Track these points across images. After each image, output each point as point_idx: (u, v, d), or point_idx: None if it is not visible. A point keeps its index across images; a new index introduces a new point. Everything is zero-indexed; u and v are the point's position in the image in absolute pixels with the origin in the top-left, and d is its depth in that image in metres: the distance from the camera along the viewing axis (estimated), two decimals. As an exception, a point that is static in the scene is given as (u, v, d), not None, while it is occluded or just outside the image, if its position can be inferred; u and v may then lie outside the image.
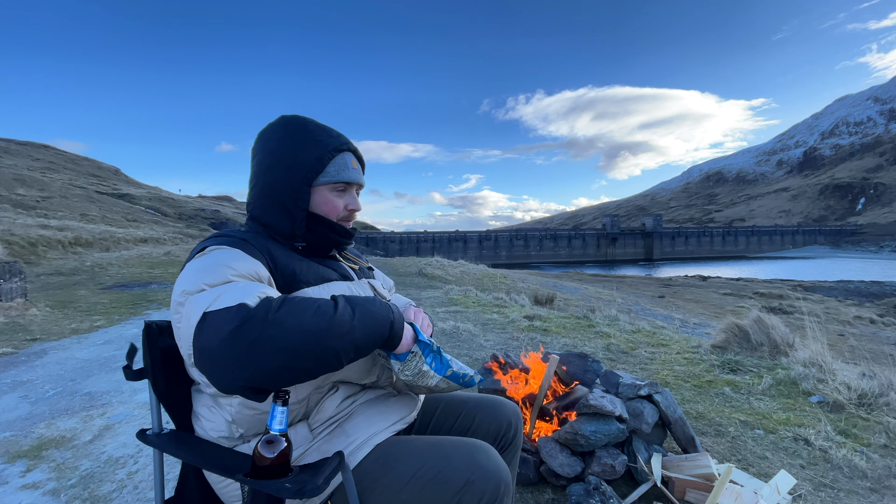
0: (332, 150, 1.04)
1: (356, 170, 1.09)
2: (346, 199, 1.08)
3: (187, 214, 51.07)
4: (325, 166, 1.03)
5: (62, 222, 20.83)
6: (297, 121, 1.06)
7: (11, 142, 69.51)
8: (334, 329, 0.76)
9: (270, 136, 1.04)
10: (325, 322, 0.76)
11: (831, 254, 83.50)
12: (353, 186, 1.10)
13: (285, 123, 1.05)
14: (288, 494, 0.73)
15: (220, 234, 0.95)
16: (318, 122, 1.08)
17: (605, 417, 1.82)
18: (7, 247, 12.02)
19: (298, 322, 0.74)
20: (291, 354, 0.73)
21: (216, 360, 0.71)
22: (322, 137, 1.04)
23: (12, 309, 5.77)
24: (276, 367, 0.72)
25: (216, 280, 0.80)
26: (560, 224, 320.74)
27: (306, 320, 0.75)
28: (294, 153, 1.01)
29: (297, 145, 1.02)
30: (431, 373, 0.96)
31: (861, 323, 11.90)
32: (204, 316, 0.73)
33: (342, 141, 1.07)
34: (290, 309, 0.76)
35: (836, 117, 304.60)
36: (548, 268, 53.55)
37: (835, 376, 3.01)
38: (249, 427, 0.91)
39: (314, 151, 1.02)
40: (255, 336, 0.71)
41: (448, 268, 15.60)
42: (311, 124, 1.06)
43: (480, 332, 4.85)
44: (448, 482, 0.88)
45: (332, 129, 1.09)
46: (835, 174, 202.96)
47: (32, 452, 2.23)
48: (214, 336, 0.71)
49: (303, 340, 0.73)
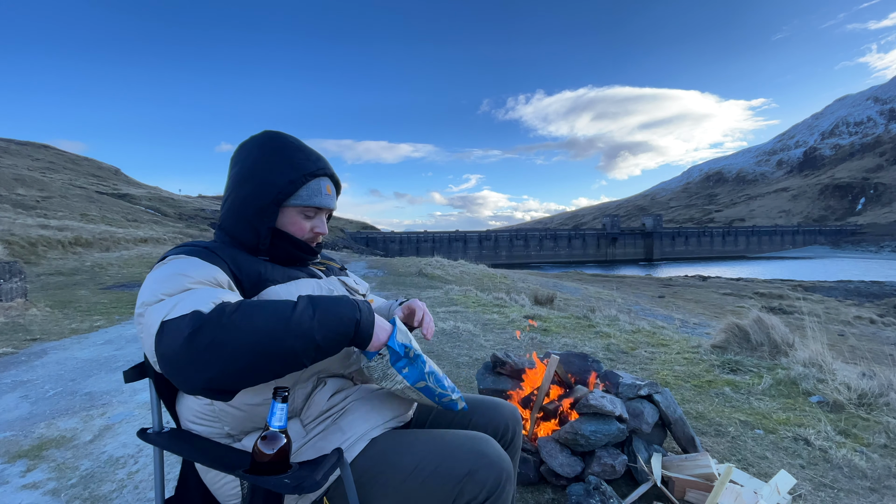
0: (307, 175, 1.04)
1: (329, 196, 1.10)
2: (315, 222, 1.09)
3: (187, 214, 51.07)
4: (296, 189, 1.03)
5: (62, 222, 20.83)
6: (278, 140, 1.06)
7: (11, 142, 69.53)
8: (292, 329, 0.77)
9: (250, 150, 1.05)
10: (282, 323, 0.77)
11: (831, 254, 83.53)
12: (323, 211, 1.11)
13: (265, 140, 1.06)
14: (287, 490, 0.73)
15: (184, 244, 0.97)
16: (301, 143, 1.09)
17: (605, 417, 1.82)
18: (7, 247, 12.02)
19: (252, 324, 0.76)
20: (247, 356, 0.74)
21: (175, 366, 0.74)
22: (299, 160, 1.05)
23: (12, 309, 5.77)
24: (235, 369, 0.74)
25: (173, 289, 0.82)
26: (560, 224, 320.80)
27: (260, 322, 0.76)
28: (268, 172, 1.02)
29: (273, 165, 1.02)
30: (399, 377, 0.94)
31: (861, 323, 11.90)
32: (161, 325, 0.76)
33: (319, 166, 1.07)
34: (244, 312, 0.77)
35: (836, 117, 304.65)
36: (548, 268, 53.56)
37: (835, 376, 3.01)
38: (235, 426, 0.92)
39: (288, 174, 1.02)
40: (209, 340, 0.73)
41: (448, 268, 15.61)
42: (291, 146, 1.06)
43: (480, 333, 4.85)
44: (450, 472, 0.89)
45: (313, 151, 1.09)
46: (835, 174, 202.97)
47: (33, 452, 2.23)
48: (171, 343, 0.74)
49: (257, 341, 0.75)
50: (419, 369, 0.95)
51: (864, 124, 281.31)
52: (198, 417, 0.93)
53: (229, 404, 0.89)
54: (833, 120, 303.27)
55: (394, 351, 0.92)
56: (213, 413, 0.91)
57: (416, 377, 0.95)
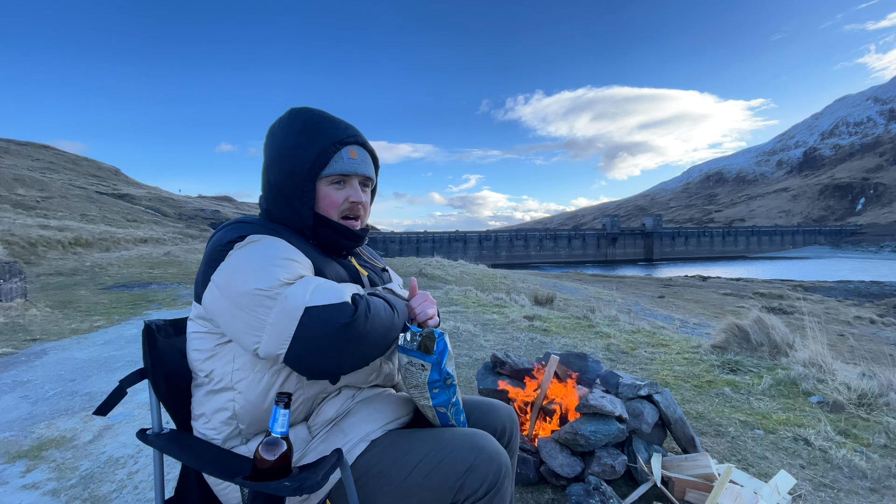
0: (337, 144, 0.99)
1: (354, 160, 1.02)
2: (347, 191, 1.03)
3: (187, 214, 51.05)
4: (328, 160, 0.98)
5: (62, 222, 20.83)
6: (304, 114, 1.02)
7: (11, 142, 69.49)
8: (395, 323, 0.94)
9: (277, 130, 1.02)
10: (391, 318, 0.93)
11: (831, 254, 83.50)
12: (353, 178, 1.03)
13: (292, 117, 1.02)
14: (287, 492, 0.73)
15: (246, 221, 0.97)
16: (328, 113, 1.04)
17: (605, 417, 1.82)
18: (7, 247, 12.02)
19: (381, 321, 0.89)
20: (378, 348, 0.90)
21: (318, 349, 0.81)
22: (328, 129, 1.00)
23: (12, 309, 5.76)
24: (364, 358, 0.89)
25: (291, 275, 0.86)
26: (560, 224, 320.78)
27: (386, 318, 0.91)
28: (297, 146, 0.98)
29: (302, 139, 0.98)
30: (428, 395, 0.98)
31: (861, 323, 11.90)
32: (307, 310, 0.81)
33: (349, 133, 1.02)
34: (376, 309, 0.89)
35: (835, 117, 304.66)
36: (548, 268, 53.55)
37: (835, 376, 3.01)
38: (251, 423, 0.91)
39: (317, 145, 0.97)
40: (362, 331, 0.84)
41: (448, 268, 15.61)
42: (318, 117, 1.02)
43: (480, 333, 4.85)
44: (451, 468, 0.89)
45: (342, 120, 1.04)
46: (835, 174, 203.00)
47: (32, 452, 2.23)
48: (322, 329, 0.81)
49: (384, 335, 0.90)
50: (447, 397, 0.99)
51: (863, 124, 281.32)
52: (214, 414, 0.92)
53: (248, 401, 0.89)
54: (833, 120, 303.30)
55: (438, 370, 0.95)
56: (232, 410, 0.90)
57: (441, 402, 0.99)
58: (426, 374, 0.95)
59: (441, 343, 0.97)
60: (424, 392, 0.98)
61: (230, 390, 0.90)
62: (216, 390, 0.91)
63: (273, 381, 0.90)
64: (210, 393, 0.92)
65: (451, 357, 1.00)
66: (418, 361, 0.95)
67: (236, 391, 0.90)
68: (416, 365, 0.95)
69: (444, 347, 0.96)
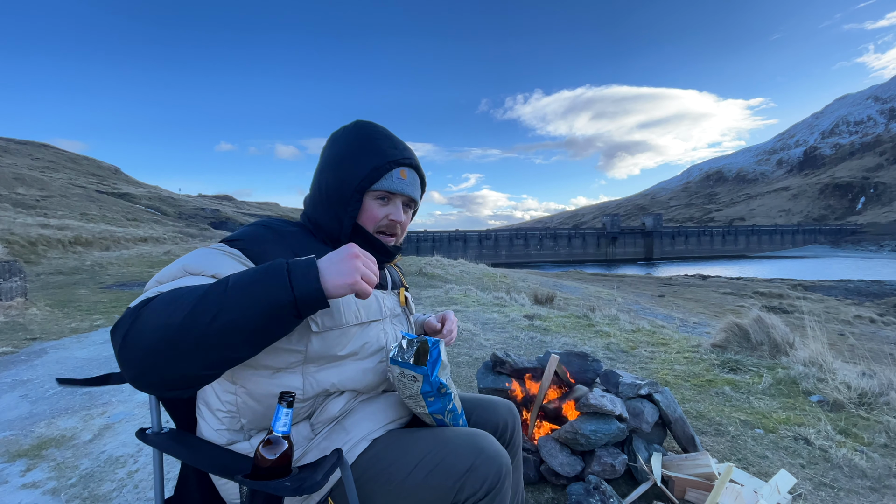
0: (391, 163, 1.02)
1: (403, 181, 1.04)
2: (389, 209, 1.05)
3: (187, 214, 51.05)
4: (379, 177, 1.01)
5: (62, 221, 20.83)
6: (368, 129, 1.05)
7: (11, 141, 69.47)
8: (198, 319, 0.69)
9: (340, 138, 1.05)
10: (186, 313, 0.69)
11: (831, 253, 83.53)
12: (398, 197, 1.06)
13: (355, 129, 1.05)
14: (287, 492, 0.73)
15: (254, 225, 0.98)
16: (389, 132, 1.07)
17: (605, 417, 1.82)
18: (7, 246, 12.02)
19: (160, 316, 0.70)
20: (157, 353, 0.69)
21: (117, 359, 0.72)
22: (386, 148, 1.03)
23: (12, 308, 5.76)
24: (148, 366, 0.69)
25: (168, 278, 0.84)
26: (560, 223, 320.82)
27: (163, 315, 0.70)
28: (354, 158, 1.01)
29: (360, 152, 1.02)
30: (423, 403, 0.98)
31: (861, 322, 11.90)
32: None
33: (405, 155, 1.05)
34: (155, 305, 0.71)
35: (836, 116, 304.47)
36: (548, 267, 53.55)
37: (835, 375, 3.01)
38: (252, 419, 0.91)
39: (373, 161, 1.00)
40: (126, 339, 0.70)
41: (448, 267, 15.60)
42: (380, 134, 1.05)
43: (480, 332, 4.85)
44: (451, 468, 0.89)
45: (401, 141, 1.07)
46: (835, 173, 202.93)
47: (32, 452, 2.23)
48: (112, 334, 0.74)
49: (159, 338, 0.68)
50: (443, 405, 0.99)
51: (864, 123, 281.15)
52: (216, 408, 0.92)
53: (252, 398, 0.89)
54: (833, 119, 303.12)
55: (429, 382, 0.95)
56: (234, 404, 0.90)
57: (436, 409, 0.99)
58: (418, 385, 0.95)
59: (434, 352, 0.96)
60: (419, 401, 0.98)
61: (233, 385, 0.90)
62: (218, 386, 0.92)
63: (276, 380, 0.90)
64: (212, 388, 0.93)
65: (446, 366, 0.99)
66: (409, 373, 0.95)
67: (239, 387, 0.90)
68: (408, 376, 0.95)
69: (436, 357, 0.96)
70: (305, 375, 0.92)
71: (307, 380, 0.92)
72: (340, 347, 0.94)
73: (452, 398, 1.01)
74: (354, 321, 0.97)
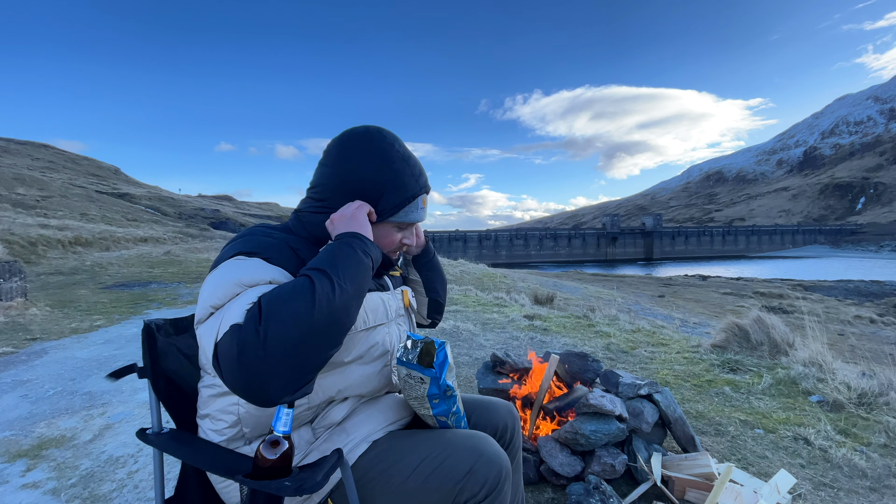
0: (411, 197, 1.00)
1: (423, 209, 1.06)
2: (405, 233, 1.07)
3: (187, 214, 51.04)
4: (399, 210, 1.00)
5: (62, 222, 20.83)
6: (388, 151, 0.98)
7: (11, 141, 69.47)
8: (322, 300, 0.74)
9: (354, 153, 0.97)
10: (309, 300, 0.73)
11: (831, 253, 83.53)
12: (415, 225, 1.10)
13: (376, 149, 0.98)
14: (287, 492, 0.73)
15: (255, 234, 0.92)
16: (406, 151, 1.02)
17: (605, 417, 1.82)
18: (7, 246, 12.02)
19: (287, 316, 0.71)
20: (299, 351, 0.72)
21: (240, 390, 0.71)
22: (409, 179, 0.99)
23: (12, 308, 5.77)
24: (294, 367, 0.72)
25: (222, 298, 0.81)
26: (560, 223, 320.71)
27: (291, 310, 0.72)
28: (374, 191, 0.96)
29: (383, 183, 0.97)
30: (427, 405, 0.98)
31: (861, 322, 11.90)
32: (214, 349, 0.75)
33: (422, 184, 1.03)
34: (270, 309, 0.72)
35: (836, 116, 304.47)
36: (548, 267, 53.54)
37: (835, 376, 3.01)
38: (255, 427, 0.91)
39: (398, 196, 0.98)
40: (254, 357, 0.69)
41: (448, 267, 15.61)
42: (399, 157, 0.99)
43: (480, 332, 4.85)
44: (451, 471, 0.89)
45: (417, 164, 1.03)
46: (835, 174, 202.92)
47: (33, 452, 2.23)
48: (227, 370, 0.71)
49: (301, 331, 0.71)
50: (447, 407, 0.99)
51: (864, 124, 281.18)
52: (218, 418, 0.92)
53: (255, 407, 0.87)
54: (833, 119, 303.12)
55: (437, 384, 0.95)
56: (237, 414, 0.90)
57: (441, 412, 0.99)
58: (425, 387, 0.95)
59: (441, 354, 0.96)
60: (424, 403, 0.98)
61: (235, 397, 0.90)
62: (221, 393, 0.91)
63: None
64: (215, 396, 0.93)
65: (452, 368, 0.99)
66: (417, 375, 0.95)
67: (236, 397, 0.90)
68: (415, 378, 0.95)
69: (444, 359, 0.96)
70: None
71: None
72: (346, 353, 0.94)
73: (457, 401, 1.01)
74: (362, 326, 0.96)
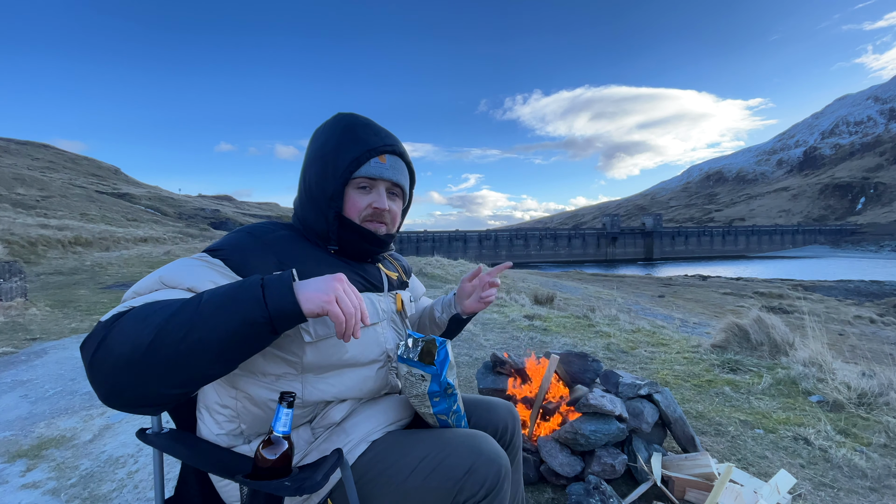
0: (371, 151, 0.98)
1: (383, 164, 1.00)
2: (372, 196, 1.01)
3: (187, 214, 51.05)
4: (360, 167, 0.98)
5: (62, 222, 20.82)
6: (348, 120, 1.01)
7: (11, 141, 69.47)
8: (167, 337, 0.67)
9: (320, 133, 1.02)
10: (154, 331, 0.67)
11: (831, 253, 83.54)
12: (380, 183, 1.01)
13: (336, 122, 1.02)
14: (287, 492, 0.73)
15: (233, 235, 0.94)
16: (370, 121, 1.03)
17: (605, 417, 1.82)
18: (7, 246, 12.02)
19: (130, 333, 0.68)
20: (126, 372, 0.67)
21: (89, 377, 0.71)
22: (366, 136, 0.99)
23: (12, 308, 5.76)
24: (119, 385, 0.68)
25: (144, 290, 0.82)
26: (560, 223, 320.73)
27: (135, 332, 0.68)
28: (335, 151, 0.98)
29: (340, 144, 0.98)
30: (428, 403, 0.98)
31: (861, 322, 11.89)
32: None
33: (387, 141, 1.00)
34: (127, 319, 0.70)
35: (836, 116, 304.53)
36: (548, 267, 53.54)
37: (835, 376, 3.01)
38: (252, 425, 0.91)
39: (353, 151, 0.97)
40: (90, 355, 0.69)
41: (448, 267, 15.60)
42: (360, 124, 1.01)
43: (480, 332, 4.85)
44: (451, 470, 0.89)
45: (383, 129, 1.03)
46: (835, 174, 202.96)
47: (32, 452, 2.23)
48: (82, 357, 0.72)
49: (130, 358, 0.67)
50: (448, 405, 0.99)
51: (864, 124, 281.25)
52: (216, 411, 0.92)
53: (252, 403, 0.89)
54: (833, 119, 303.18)
55: (438, 382, 0.95)
56: (234, 409, 0.90)
57: (441, 410, 0.99)
58: (426, 384, 0.95)
59: (442, 352, 0.96)
60: (425, 401, 0.98)
61: (233, 390, 0.90)
62: (219, 390, 0.92)
63: (277, 386, 0.90)
64: (213, 392, 0.93)
65: (453, 366, 0.99)
66: (418, 372, 0.95)
67: (239, 391, 0.90)
68: (416, 375, 0.95)
69: (444, 357, 0.96)
70: (305, 384, 0.91)
71: (307, 388, 0.92)
72: (338, 356, 0.94)
73: (457, 399, 1.01)
74: None
